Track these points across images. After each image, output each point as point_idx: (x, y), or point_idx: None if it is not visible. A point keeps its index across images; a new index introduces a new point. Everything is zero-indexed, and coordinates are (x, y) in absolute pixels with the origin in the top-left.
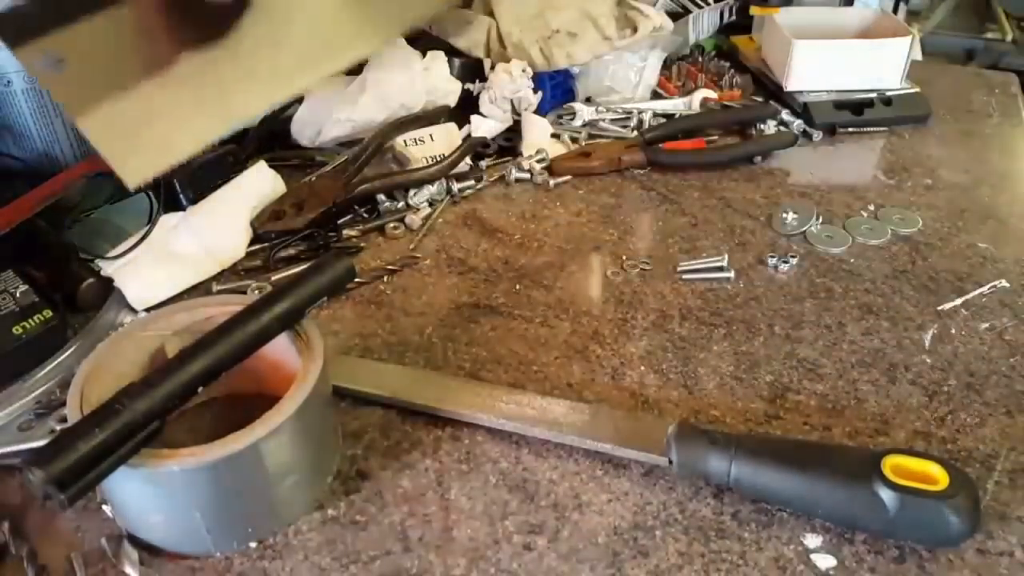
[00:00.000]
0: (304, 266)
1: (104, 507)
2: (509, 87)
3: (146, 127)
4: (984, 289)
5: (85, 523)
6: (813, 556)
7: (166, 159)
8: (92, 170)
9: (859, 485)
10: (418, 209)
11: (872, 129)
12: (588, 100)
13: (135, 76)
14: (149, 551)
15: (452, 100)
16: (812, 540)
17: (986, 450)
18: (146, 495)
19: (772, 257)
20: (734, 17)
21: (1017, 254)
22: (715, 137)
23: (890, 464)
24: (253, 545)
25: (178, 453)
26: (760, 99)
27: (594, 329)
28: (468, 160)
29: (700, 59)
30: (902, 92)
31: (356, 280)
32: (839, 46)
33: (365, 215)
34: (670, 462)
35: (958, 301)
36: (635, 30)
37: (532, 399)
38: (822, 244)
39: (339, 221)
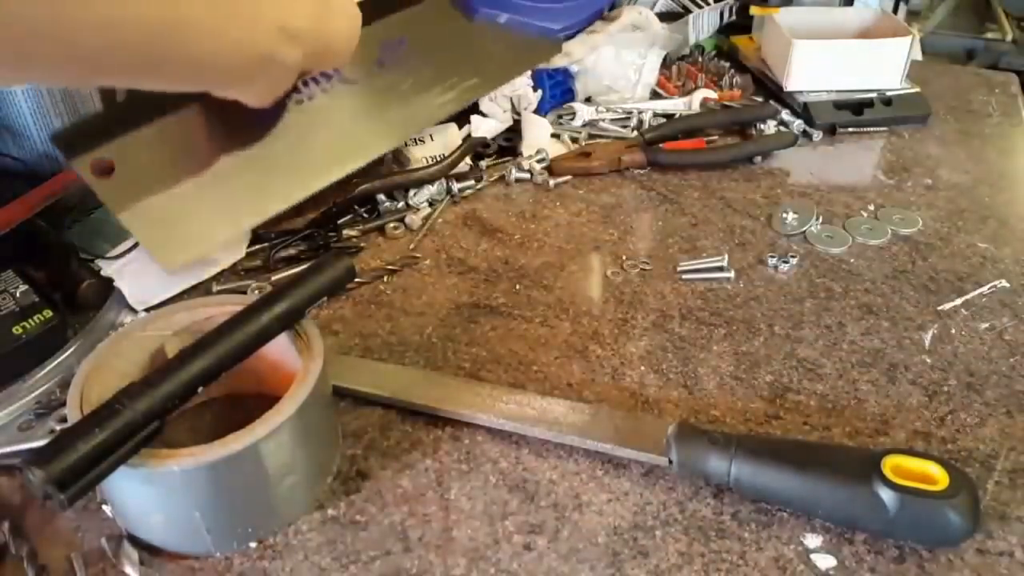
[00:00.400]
0: (304, 266)
1: (104, 507)
2: (508, 86)
3: (183, 222)
4: (984, 289)
5: (85, 523)
6: (813, 556)
7: (200, 249)
8: None
9: (859, 485)
10: (418, 209)
11: (872, 129)
12: (588, 100)
13: (176, 178)
14: (149, 551)
15: None
16: (812, 540)
17: (986, 450)
18: (146, 495)
19: (772, 257)
20: (734, 17)
21: (1017, 254)
22: (715, 137)
23: (890, 464)
24: (253, 545)
25: (178, 453)
26: (760, 99)
27: (594, 329)
28: (468, 160)
29: (700, 59)
30: (902, 92)
31: (356, 280)
32: (839, 46)
33: (365, 215)
34: (670, 462)
35: (958, 301)
36: None
37: (532, 399)
38: (822, 244)
39: (339, 221)
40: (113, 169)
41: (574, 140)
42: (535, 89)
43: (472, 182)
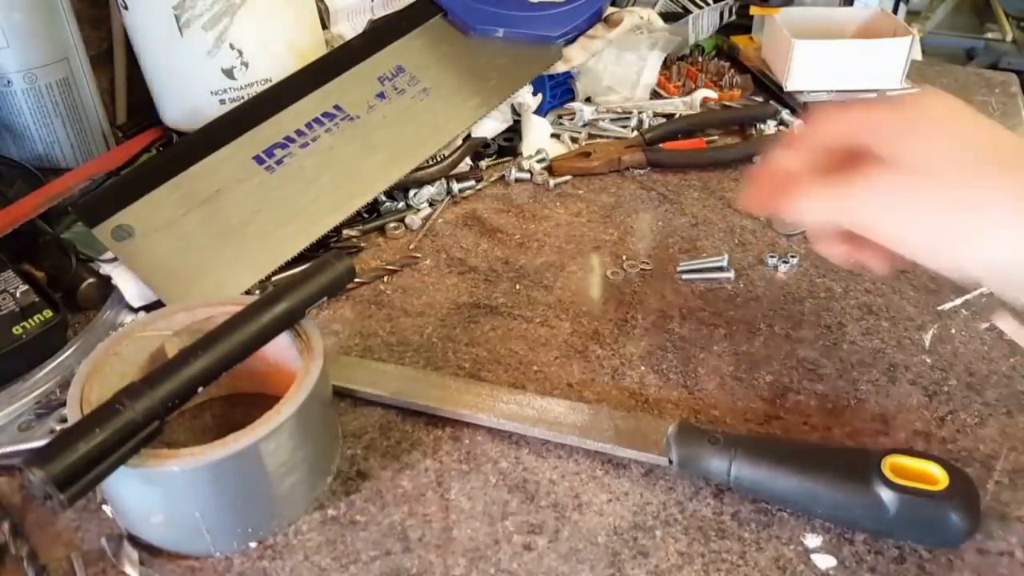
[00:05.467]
0: (304, 266)
1: (104, 507)
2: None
3: (202, 277)
4: (984, 289)
5: (85, 523)
6: (813, 556)
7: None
8: (95, 172)
9: (859, 485)
10: (418, 209)
11: None
12: (588, 100)
13: (192, 234)
14: (149, 551)
15: None
16: (812, 540)
17: (986, 450)
18: (146, 495)
19: (772, 257)
20: (734, 17)
21: None
22: (715, 137)
23: (890, 464)
24: (253, 545)
25: (178, 453)
26: (760, 99)
27: (594, 329)
28: (468, 160)
29: (700, 59)
30: (902, 92)
31: (356, 280)
32: (839, 46)
33: (365, 215)
34: (670, 462)
35: (958, 301)
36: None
37: (532, 399)
38: None
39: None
40: (132, 233)
41: (574, 140)
42: (535, 93)
43: (472, 182)
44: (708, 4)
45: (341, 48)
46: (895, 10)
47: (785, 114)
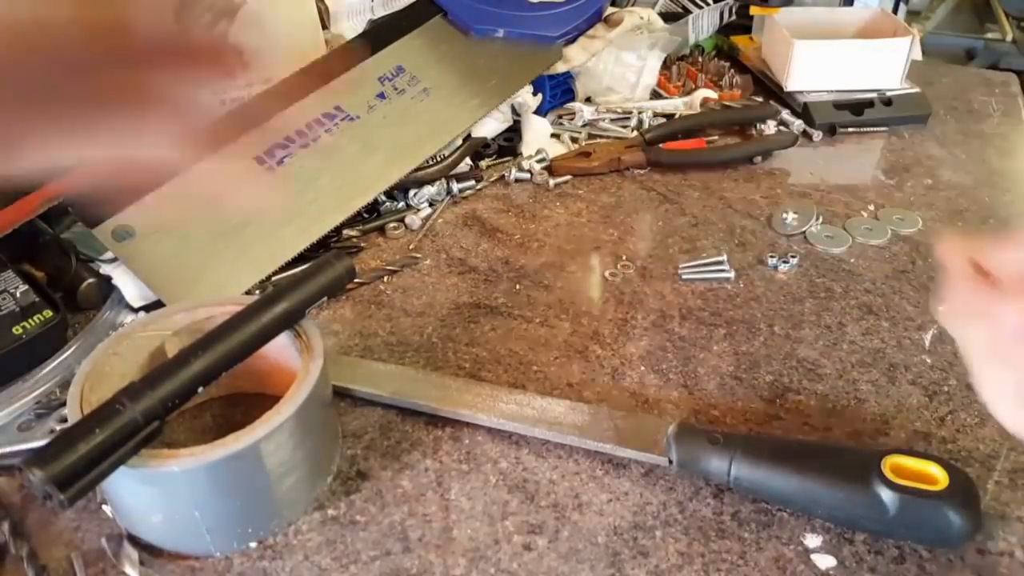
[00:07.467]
0: (304, 266)
1: (104, 507)
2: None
3: (203, 278)
4: None
5: (85, 523)
6: (813, 556)
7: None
8: (95, 172)
9: (859, 485)
10: (418, 209)
11: (872, 129)
12: (588, 100)
13: (192, 234)
14: (149, 551)
15: None
16: (812, 540)
17: (986, 450)
18: (146, 495)
19: (772, 257)
20: (734, 17)
21: None
22: (715, 137)
23: (890, 464)
24: (253, 545)
25: (178, 453)
26: (760, 99)
27: (594, 329)
28: (468, 160)
29: (700, 59)
30: (902, 92)
31: (356, 280)
32: (839, 46)
33: (365, 215)
34: (670, 462)
35: None
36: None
37: (532, 399)
38: (822, 244)
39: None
40: (132, 233)
41: (574, 140)
42: (535, 93)
43: (472, 182)
44: (708, 4)
45: (341, 48)
46: (895, 10)
47: (785, 114)
